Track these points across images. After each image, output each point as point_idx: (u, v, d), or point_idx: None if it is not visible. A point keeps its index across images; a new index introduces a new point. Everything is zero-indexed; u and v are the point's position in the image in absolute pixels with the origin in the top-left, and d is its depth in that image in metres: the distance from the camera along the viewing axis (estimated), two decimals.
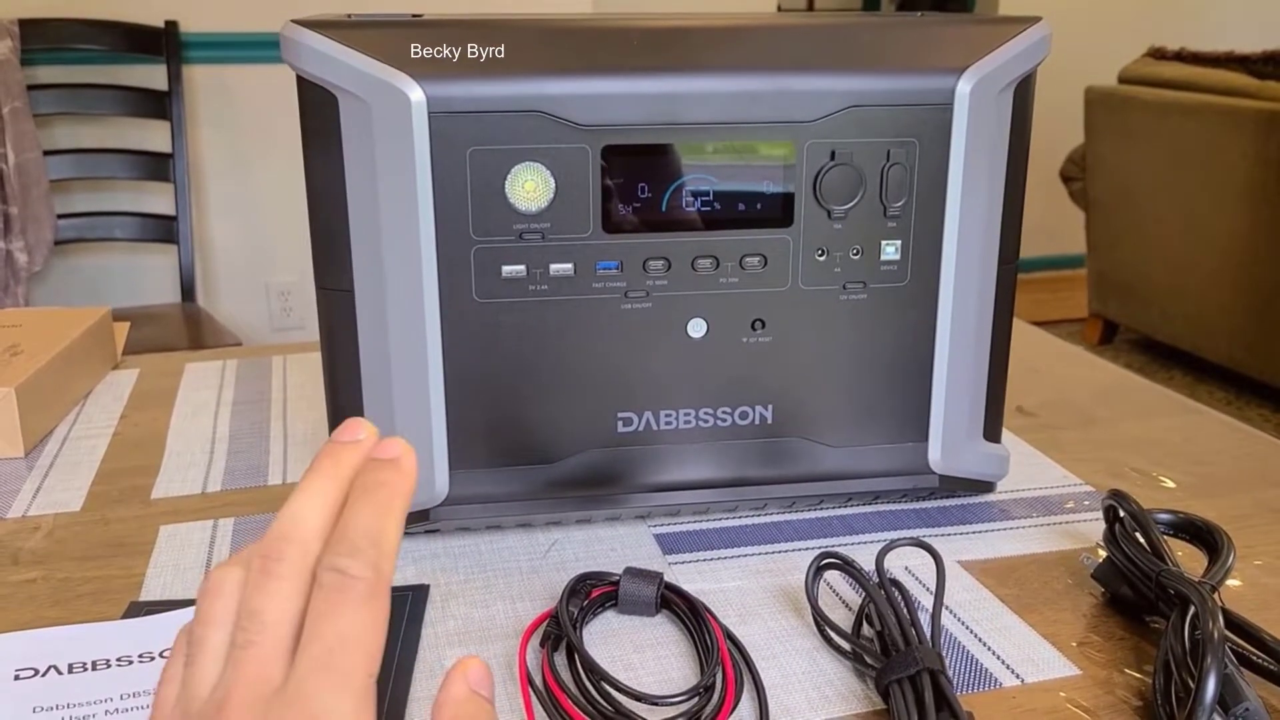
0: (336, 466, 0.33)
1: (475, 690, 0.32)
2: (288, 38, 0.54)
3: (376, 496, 0.32)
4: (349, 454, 0.33)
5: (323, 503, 0.32)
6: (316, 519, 0.32)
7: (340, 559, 0.30)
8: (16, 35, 2.17)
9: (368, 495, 0.32)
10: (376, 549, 0.31)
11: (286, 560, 0.31)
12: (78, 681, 0.49)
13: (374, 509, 0.32)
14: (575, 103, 0.55)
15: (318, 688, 0.29)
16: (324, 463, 0.33)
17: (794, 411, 0.62)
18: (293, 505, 0.32)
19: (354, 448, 0.34)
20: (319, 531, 0.32)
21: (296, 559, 0.31)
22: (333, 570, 0.30)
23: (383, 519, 0.32)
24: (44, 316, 0.88)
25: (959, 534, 0.63)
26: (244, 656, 0.30)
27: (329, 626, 0.30)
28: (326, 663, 0.29)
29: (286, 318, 2.65)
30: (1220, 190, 2.72)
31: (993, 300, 0.63)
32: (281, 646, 0.30)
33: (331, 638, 0.30)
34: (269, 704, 0.29)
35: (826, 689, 0.50)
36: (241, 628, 0.31)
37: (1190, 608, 0.48)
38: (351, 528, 0.31)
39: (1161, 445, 0.76)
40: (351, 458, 0.33)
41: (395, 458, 0.33)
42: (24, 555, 0.61)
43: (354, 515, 0.32)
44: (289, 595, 0.31)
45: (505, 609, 0.56)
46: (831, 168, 0.58)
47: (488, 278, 0.57)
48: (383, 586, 0.31)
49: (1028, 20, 0.60)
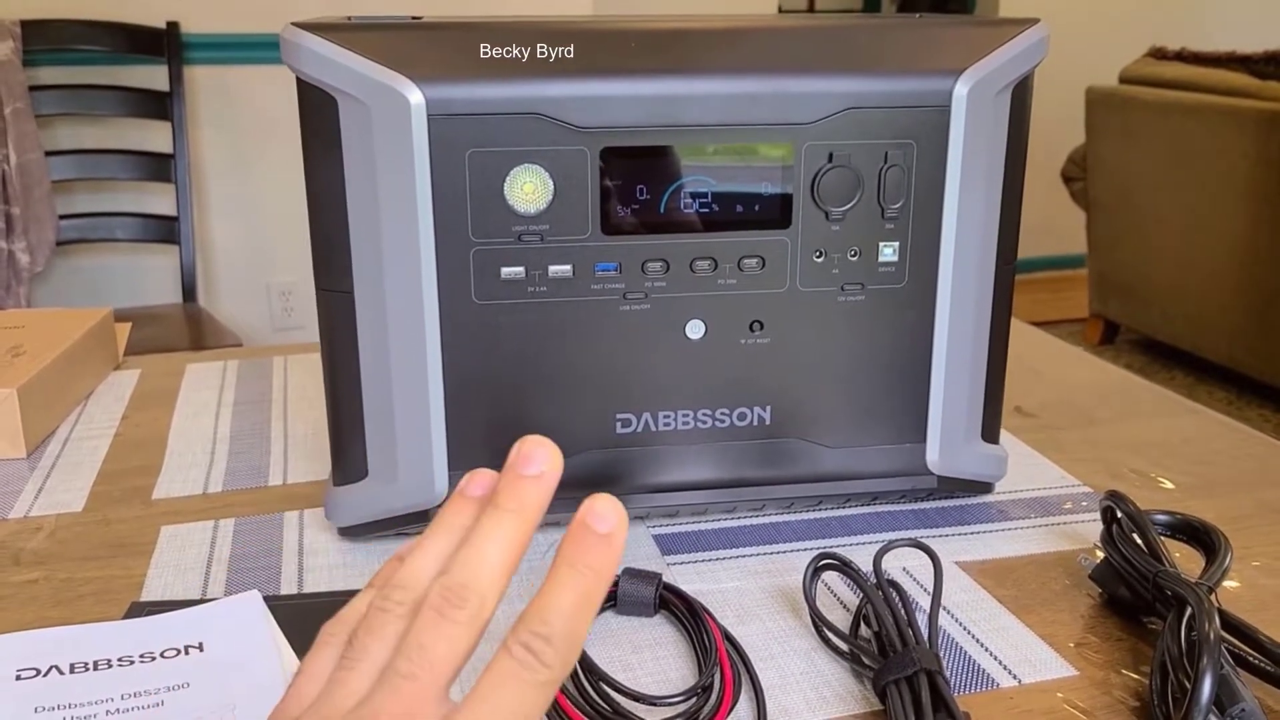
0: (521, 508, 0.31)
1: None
2: (288, 40, 0.54)
3: (585, 584, 0.30)
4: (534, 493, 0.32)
5: (507, 548, 0.31)
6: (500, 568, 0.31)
7: (535, 640, 0.29)
8: (18, 36, 2.17)
9: (577, 579, 0.30)
10: (569, 641, 0.29)
11: (465, 608, 0.30)
12: (79, 682, 0.49)
13: (580, 598, 0.30)
14: (574, 105, 0.55)
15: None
16: (510, 503, 0.31)
17: (792, 412, 0.62)
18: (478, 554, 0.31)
19: (539, 485, 0.32)
20: (500, 582, 0.31)
21: (475, 607, 0.30)
22: (524, 646, 0.29)
23: (585, 610, 0.30)
24: (46, 317, 0.88)
25: (957, 535, 0.63)
26: (402, 685, 0.29)
27: (500, 697, 0.29)
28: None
29: (288, 318, 2.65)
30: (1221, 190, 2.72)
31: (991, 301, 0.63)
32: (440, 690, 0.30)
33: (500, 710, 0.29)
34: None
35: (824, 689, 0.50)
36: (407, 657, 0.30)
37: (1187, 609, 0.48)
38: (555, 612, 0.30)
39: (1160, 446, 0.76)
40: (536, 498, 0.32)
41: (610, 534, 0.31)
42: (25, 556, 0.61)
43: (559, 598, 0.30)
44: (458, 640, 0.30)
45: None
46: (829, 169, 0.58)
47: (487, 279, 0.57)
48: (561, 679, 0.30)
49: (1025, 22, 0.60)
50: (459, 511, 0.34)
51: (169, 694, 0.48)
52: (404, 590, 0.31)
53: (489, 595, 0.30)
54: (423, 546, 0.32)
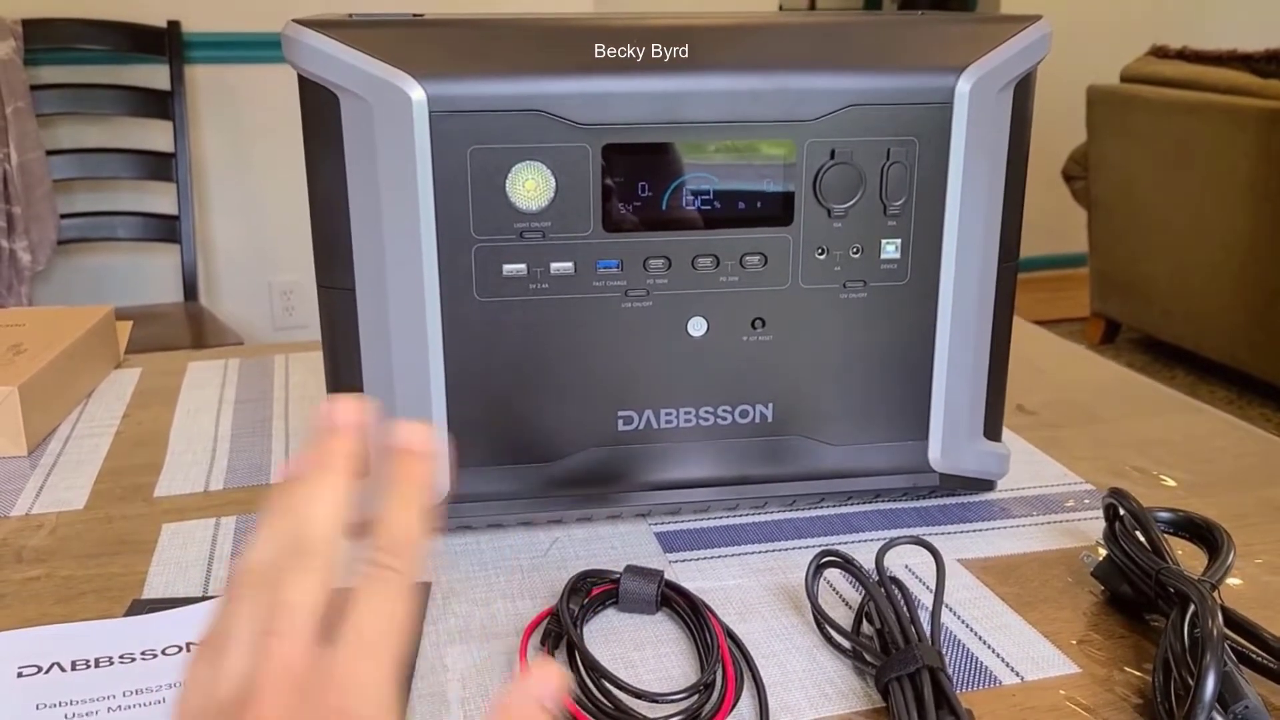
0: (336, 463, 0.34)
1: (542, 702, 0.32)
2: (289, 37, 0.54)
3: (410, 496, 0.34)
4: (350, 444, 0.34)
5: (333, 498, 0.33)
6: (330, 515, 0.33)
7: (382, 554, 0.32)
8: (19, 35, 2.17)
9: (403, 495, 0.33)
10: (413, 548, 0.33)
11: (312, 555, 0.32)
12: (80, 679, 0.49)
13: (410, 508, 0.33)
14: (575, 102, 0.55)
15: (357, 666, 0.30)
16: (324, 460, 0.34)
17: (794, 410, 0.62)
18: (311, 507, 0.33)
19: (348, 439, 0.34)
20: (336, 529, 0.33)
21: (323, 554, 0.32)
22: (375, 564, 0.32)
23: (417, 518, 0.33)
24: (47, 315, 0.88)
25: (959, 532, 0.63)
26: (273, 644, 0.30)
27: (368, 612, 0.31)
28: (366, 642, 0.31)
29: (288, 317, 2.65)
30: (1223, 189, 2.72)
31: (993, 299, 0.63)
32: (310, 634, 0.31)
33: (370, 620, 0.31)
34: (304, 686, 0.30)
35: (826, 687, 0.50)
36: (270, 616, 0.31)
37: (1190, 606, 0.48)
38: (393, 525, 0.33)
39: (1162, 444, 0.76)
40: (349, 450, 0.34)
41: (427, 452, 0.34)
42: (27, 553, 0.61)
43: (395, 513, 0.33)
44: (315, 588, 0.31)
45: (506, 607, 0.56)
46: (831, 166, 0.58)
47: (488, 276, 0.57)
48: (414, 579, 0.33)
49: (1027, 19, 0.60)
50: None
51: (170, 691, 0.48)
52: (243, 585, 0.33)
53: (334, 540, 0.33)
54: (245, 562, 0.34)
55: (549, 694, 0.32)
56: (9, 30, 2.16)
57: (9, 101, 2.12)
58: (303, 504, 0.33)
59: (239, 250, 2.57)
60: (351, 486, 0.34)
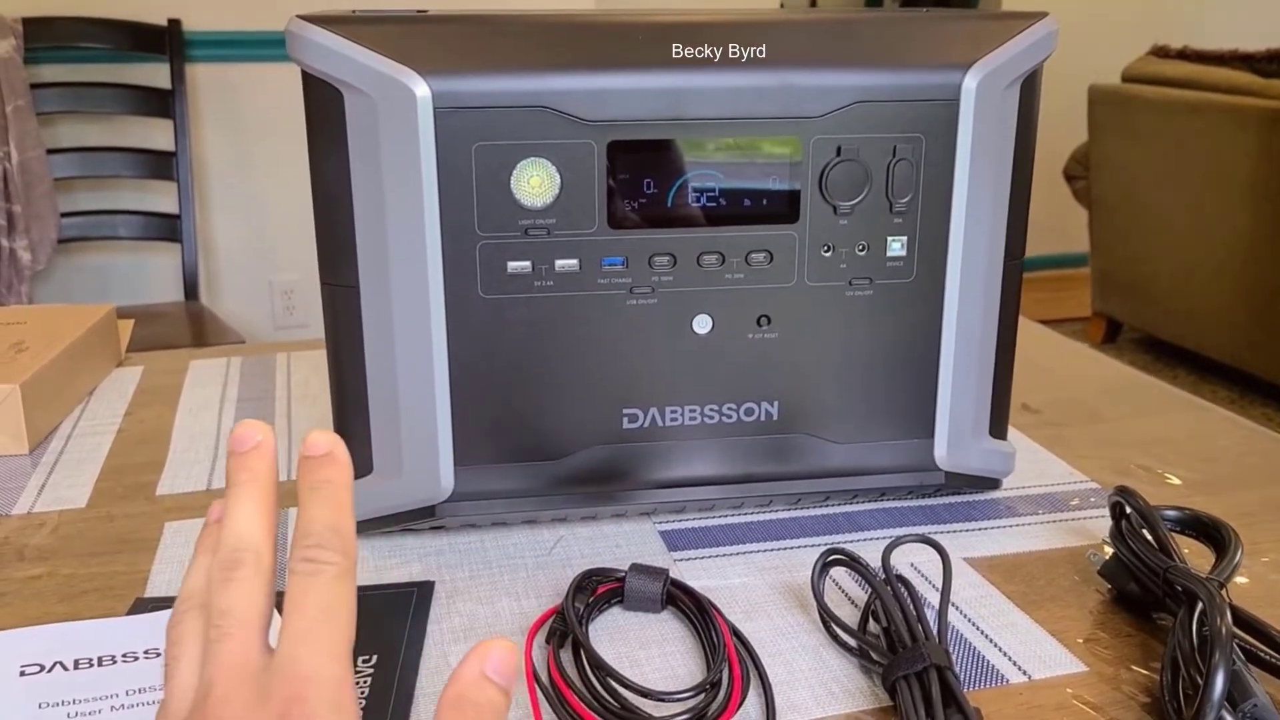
0: (253, 477, 0.35)
1: (487, 675, 0.32)
2: (293, 33, 0.54)
3: (325, 493, 0.34)
4: (257, 460, 0.35)
5: (253, 509, 0.34)
6: (255, 527, 0.34)
7: (309, 550, 0.33)
8: (20, 34, 2.17)
9: (317, 493, 0.34)
10: (340, 536, 0.33)
11: (244, 564, 0.33)
12: (83, 677, 0.49)
13: (327, 504, 0.34)
14: (581, 98, 0.55)
15: (306, 654, 0.30)
16: (240, 476, 0.35)
17: (800, 408, 0.62)
18: (231, 521, 0.34)
19: (258, 454, 0.36)
20: (263, 536, 0.34)
21: (252, 562, 0.33)
22: (303, 560, 0.32)
23: (338, 511, 0.34)
24: (48, 314, 0.88)
25: (965, 531, 0.63)
26: (221, 649, 0.31)
27: (310, 602, 0.31)
28: (311, 631, 0.31)
29: (289, 316, 2.65)
30: (1224, 188, 2.72)
31: (999, 296, 0.62)
32: (256, 634, 0.32)
33: (313, 610, 0.31)
34: (256, 681, 0.30)
35: (833, 685, 0.50)
36: (214, 625, 0.32)
37: (1198, 604, 0.47)
38: (312, 523, 0.33)
39: (1167, 442, 0.75)
40: (261, 463, 0.35)
41: (328, 453, 0.35)
42: (29, 551, 0.61)
43: (311, 512, 0.34)
44: (253, 591, 0.32)
45: (511, 605, 0.55)
46: (837, 163, 0.58)
47: (493, 273, 0.57)
48: (351, 568, 0.33)
49: (1034, 16, 0.60)
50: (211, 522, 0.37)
51: None
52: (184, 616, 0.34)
53: (261, 547, 0.33)
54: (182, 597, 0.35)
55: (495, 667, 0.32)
56: (9, 28, 2.15)
57: (9, 100, 2.12)
58: (226, 523, 0.34)
59: (240, 249, 2.57)
60: (272, 498, 0.35)
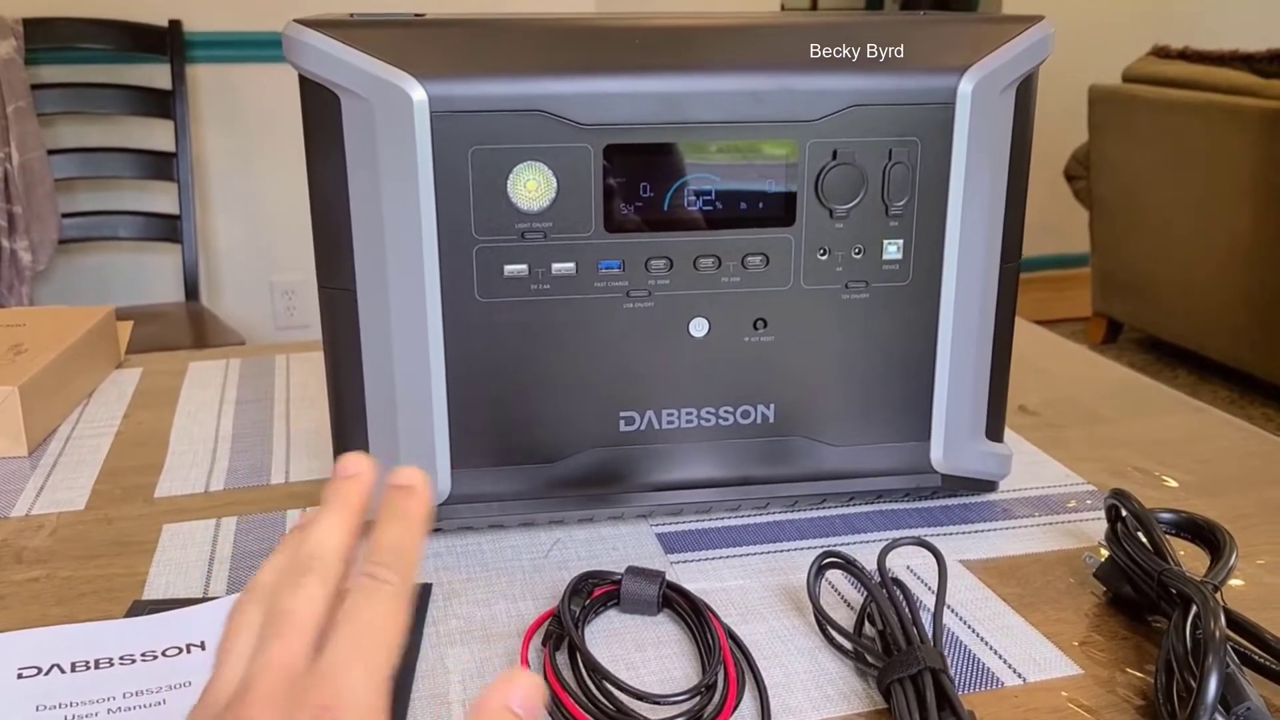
0: (345, 500, 0.37)
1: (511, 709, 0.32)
2: (290, 37, 0.54)
3: (400, 519, 0.36)
4: (353, 488, 0.37)
5: (338, 526, 0.36)
6: (336, 541, 0.35)
7: (373, 566, 0.34)
8: (20, 35, 2.17)
9: (394, 518, 0.36)
10: (403, 560, 0.35)
11: (313, 572, 0.34)
12: (80, 680, 0.49)
13: (400, 528, 0.36)
14: (577, 102, 0.55)
15: (346, 667, 0.31)
16: (334, 497, 0.37)
17: (796, 411, 0.62)
18: (315, 531, 0.35)
19: (356, 481, 0.37)
20: (340, 551, 0.35)
21: (321, 571, 0.34)
22: (367, 575, 0.34)
23: (408, 537, 0.36)
24: (48, 315, 0.88)
25: (961, 533, 0.63)
26: (271, 646, 0.32)
27: (360, 616, 0.32)
28: (356, 646, 0.32)
29: (290, 317, 2.65)
30: (1224, 189, 2.72)
31: (995, 299, 0.63)
32: (307, 639, 0.32)
33: (362, 625, 0.32)
34: (294, 684, 0.31)
35: (828, 688, 0.50)
36: (270, 623, 0.33)
37: (1192, 607, 0.47)
38: (383, 542, 0.35)
39: (1164, 444, 0.75)
40: (356, 489, 0.37)
41: (412, 485, 0.37)
42: (27, 554, 0.61)
43: (383, 534, 0.35)
44: (315, 599, 0.33)
45: (507, 608, 0.56)
46: (833, 167, 0.58)
47: (490, 277, 0.57)
48: (407, 592, 0.34)
49: (1030, 19, 0.60)
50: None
51: (170, 693, 0.48)
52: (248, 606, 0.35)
53: (334, 562, 0.35)
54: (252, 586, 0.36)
55: (520, 701, 0.33)
56: (10, 29, 2.16)
57: (10, 101, 2.12)
58: (309, 532, 0.36)
59: (240, 250, 2.57)
60: (357, 521, 0.36)
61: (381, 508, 0.37)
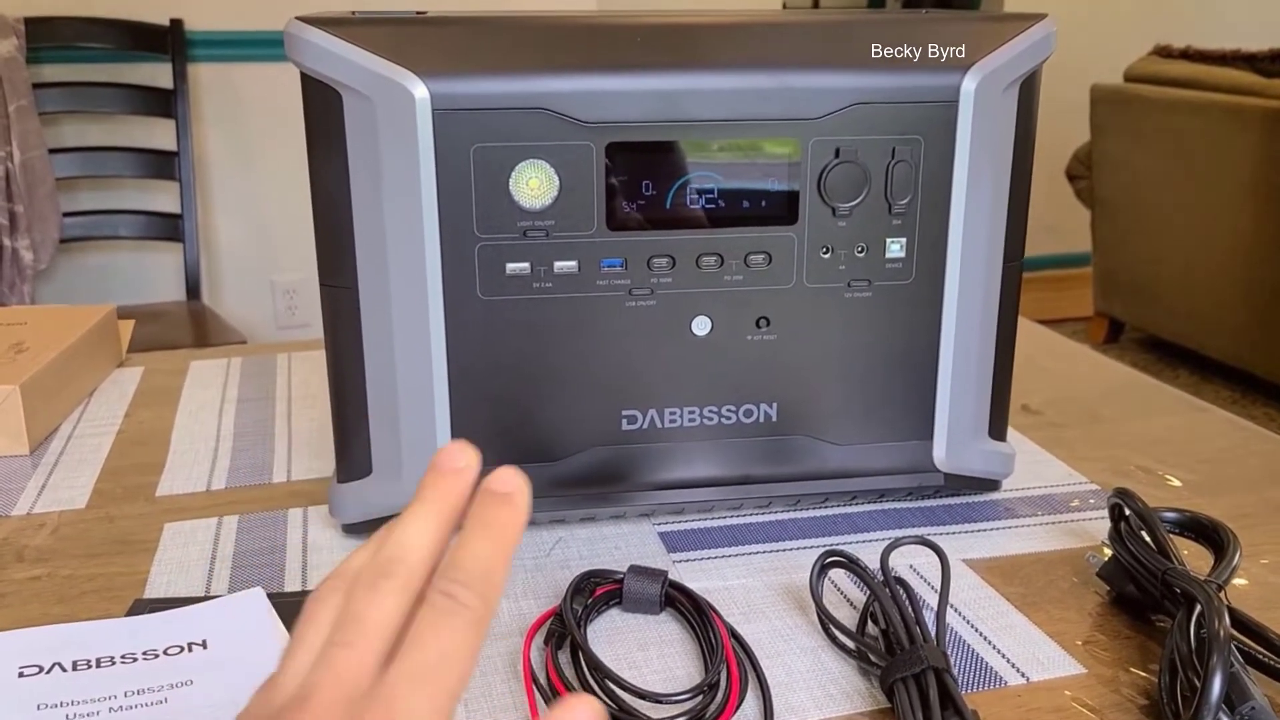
0: (442, 496, 0.34)
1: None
2: (292, 34, 0.54)
3: (492, 532, 0.33)
4: (453, 484, 0.34)
5: (430, 527, 0.33)
6: (424, 544, 0.33)
7: (453, 585, 0.31)
8: (22, 34, 2.17)
9: (485, 530, 0.33)
10: (487, 582, 0.32)
11: (394, 577, 0.32)
12: (81, 679, 0.49)
13: (490, 544, 0.33)
14: (579, 100, 0.55)
15: (409, 695, 0.29)
16: (430, 492, 0.34)
17: (799, 409, 0.62)
18: (402, 530, 0.33)
19: (457, 477, 0.34)
20: (426, 556, 0.33)
21: (403, 576, 0.32)
22: (444, 594, 0.31)
23: (497, 555, 0.33)
24: (49, 314, 0.88)
25: (964, 532, 0.63)
26: (337, 655, 0.30)
27: (432, 641, 0.30)
28: (422, 674, 0.30)
29: (292, 316, 2.65)
30: (1226, 188, 2.72)
31: (998, 298, 0.62)
32: (376, 653, 0.31)
33: (432, 652, 0.30)
34: (354, 702, 0.29)
35: (831, 687, 0.50)
36: (341, 628, 0.31)
37: (1196, 606, 0.47)
38: (468, 557, 0.32)
39: (1167, 443, 0.75)
40: (455, 487, 0.34)
41: (510, 493, 0.34)
42: (29, 552, 0.61)
43: (470, 546, 0.33)
44: (392, 608, 0.31)
45: (509, 607, 0.55)
46: (836, 165, 0.58)
47: (492, 275, 0.57)
48: (487, 618, 0.32)
49: (1033, 17, 0.60)
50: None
51: (172, 691, 0.48)
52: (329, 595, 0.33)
53: (418, 566, 0.32)
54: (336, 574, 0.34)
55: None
56: (11, 28, 2.16)
57: (11, 100, 2.12)
58: (400, 529, 0.33)
59: (242, 249, 2.57)
60: (451, 524, 0.34)
61: (471, 515, 0.34)
